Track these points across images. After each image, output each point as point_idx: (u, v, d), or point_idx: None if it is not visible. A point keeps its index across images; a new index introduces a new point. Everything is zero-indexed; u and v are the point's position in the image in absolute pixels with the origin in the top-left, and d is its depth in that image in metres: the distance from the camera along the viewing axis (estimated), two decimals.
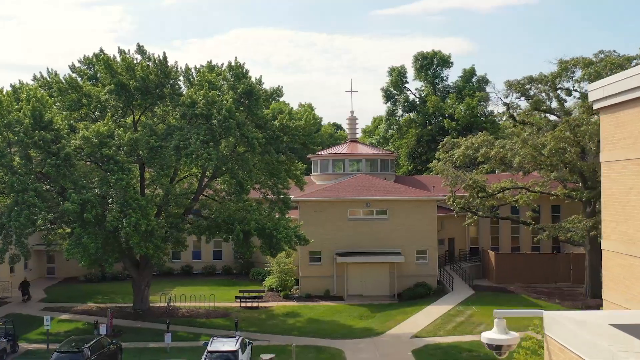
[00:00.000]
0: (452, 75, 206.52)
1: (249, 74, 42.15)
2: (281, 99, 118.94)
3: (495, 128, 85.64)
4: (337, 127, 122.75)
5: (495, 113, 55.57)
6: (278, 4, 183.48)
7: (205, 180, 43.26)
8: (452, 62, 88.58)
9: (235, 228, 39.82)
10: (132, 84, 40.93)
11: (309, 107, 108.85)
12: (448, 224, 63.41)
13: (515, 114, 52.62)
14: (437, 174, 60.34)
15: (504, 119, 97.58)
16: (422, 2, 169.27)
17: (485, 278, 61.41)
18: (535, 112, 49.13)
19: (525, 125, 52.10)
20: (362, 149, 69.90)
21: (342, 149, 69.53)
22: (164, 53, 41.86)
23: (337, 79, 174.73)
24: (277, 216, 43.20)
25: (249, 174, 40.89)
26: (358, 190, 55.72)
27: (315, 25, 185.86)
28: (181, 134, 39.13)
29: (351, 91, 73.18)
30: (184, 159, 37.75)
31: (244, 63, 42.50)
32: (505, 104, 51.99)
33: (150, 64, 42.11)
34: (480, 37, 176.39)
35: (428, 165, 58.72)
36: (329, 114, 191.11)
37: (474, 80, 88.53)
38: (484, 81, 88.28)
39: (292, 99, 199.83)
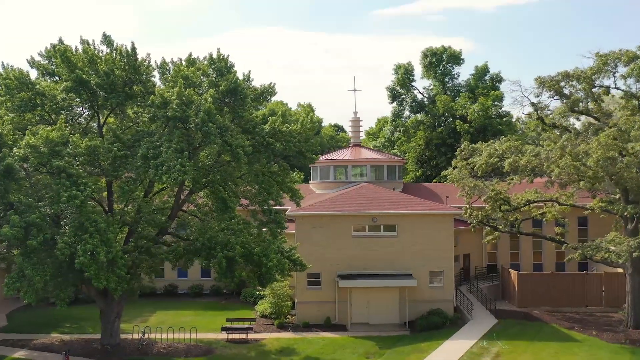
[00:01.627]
0: (463, 73, 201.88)
1: (234, 69, 35.31)
2: (279, 99, 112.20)
3: (511, 130, 78.81)
4: (339, 128, 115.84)
5: (521, 115, 48.30)
6: (278, 4, 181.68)
7: (184, 194, 36.35)
8: (463, 59, 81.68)
9: (217, 254, 32.99)
10: (93, 80, 34.11)
11: (309, 108, 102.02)
12: (463, 239, 56.58)
13: (543, 115, 45.66)
14: (452, 183, 53.49)
15: (515, 119, 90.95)
16: (423, 2, 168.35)
17: (506, 300, 54.62)
18: (570, 113, 42.12)
19: (556, 128, 45.21)
20: (367, 154, 62.99)
21: (344, 154, 62.63)
22: (132, 43, 35.08)
23: (338, 79, 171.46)
24: (268, 238, 36.27)
25: (234, 188, 34.09)
26: (363, 203, 48.82)
27: (315, 25, 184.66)
28: (150, 140, 32.30)
29: (354, 90, 66.30)
30: (152, 172, 30.90)
31: (227, 56, 35.68)
32: (533, 104, 45.04)
33: (117, 56, 35.29)
34: (480, 37, 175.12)
35: (442, 174, 51.70)
36: (329, 115, 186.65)
37: (486, 78, 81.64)
38: (497, 79, 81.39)
39: (293, 99, 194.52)
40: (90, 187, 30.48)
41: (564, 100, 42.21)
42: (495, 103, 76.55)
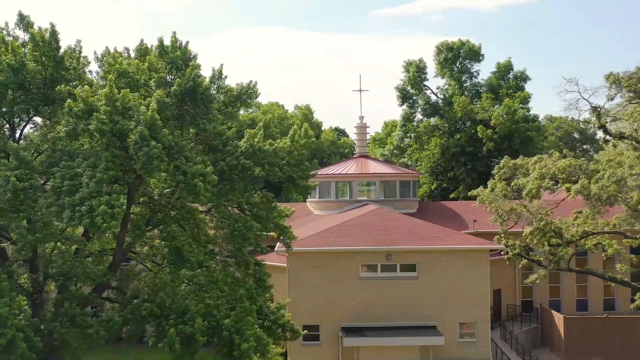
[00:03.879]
0: (482, 71, 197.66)
1: (196, 61, 24.81)
2: (275, 100, 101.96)
3: (541, 136, 68.49)
4: (340, 132, 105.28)
5: (579, 120, 37.85)
6: (278, 3, 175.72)
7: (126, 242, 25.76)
8: (482, 55, 71.14)
9: (167, 328, 22.63)
10: None
11: (307, 110, 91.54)
12: (492, 270, 46.19)
13: (606, 121, 35.26)
14: (483, 205, 43.15)
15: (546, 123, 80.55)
16: (422, 2, 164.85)
17: (547, 347, 44.65)
18: None
19: (623, 139, 34.87)
20: (375, 167, 52.56)
21: (348, 167, 52.22)
22: (52, 26, 24.68)
23: (338, 79, 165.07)
24: (245, 293, 25.76)
25: (194, 232, 23.77)
26: (373, 233, 38.45)
27: (314, 25, 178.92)
28: (69, 166, 21.89)
29: (360, 90, 55.93)
30: (68, 213, 20.54)
31: (187, 43, 25.20)
32: (594, 109, 34.60)
33: (31, 43, 24.92)
34: (480, 37, 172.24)
35: (471, 193, 41.45)
36: (330, 117, 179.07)
37: (510, 76, 71.16)
38: (522, 78, 70.87)
39: (292, 100, 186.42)
40: None
41: None
42: (522, 105, 66.10)
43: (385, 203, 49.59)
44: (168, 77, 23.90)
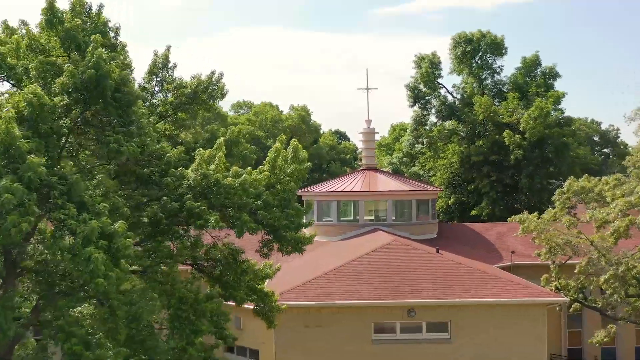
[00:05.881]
0: (507, 67, 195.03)
1: (118, 36, 15.21)
2: (268, 100, 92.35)
3: (578, 142, 58.79)
4: (341, 135, 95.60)
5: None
6: (277, 3, 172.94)
7: None
8: (506, 48, 61.47)
9: None
10: None
11: (304, 111, 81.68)
12: None
13: None
14: (528, 234, 33.72)
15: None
16: (422, 1, 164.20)
17: None
18: None
19: None
20: (386, 182, 42.89)
21: (353, 183, 42.58)
22: None
23: (337, 79, 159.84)
24: None
25: (107, 323, 14.19)
26: (389, 277, 28.84)
27: (312, 24, 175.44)
28: None
29: (367, 89, 46.24)
30: None
31: (100, 7, 15.60)
32: None
33: None
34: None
35: (512, 219, 32.17)
36: (330, 118, 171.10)
37: (537, 72, 61.48)
38: (551, 75, 61.18)
39: (291, 100, 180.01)
40: None
41: None
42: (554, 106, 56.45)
43: (398, 227, 40.19)
44: (67, 65, 14.17)
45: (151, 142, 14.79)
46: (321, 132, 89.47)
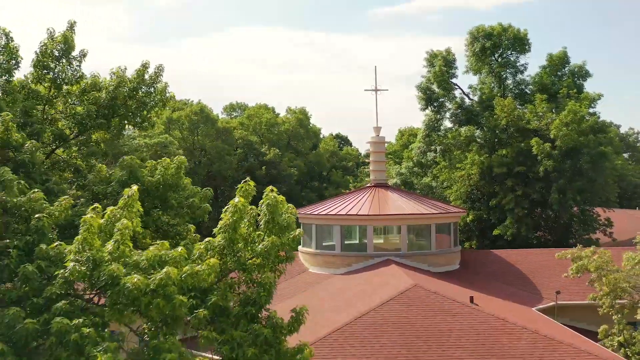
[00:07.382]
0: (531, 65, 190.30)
1: None
2: (264, 102, 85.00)
3: (615, 151, 51.56)
4: (342, 140, 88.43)
5: None
6: (276, 3, 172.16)
7: None
8: (530, 43, 54.40)
9: None
10: None
11: (302, 114, 74.37)
12: None
13: None
14: (582, 274, 26.82)
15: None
16: (420, 1, 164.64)
17: None
18: None
19: None
20: (400, 203, 35.70)
21: (360, 204, 35.43)
22: None
23: (337, 80, 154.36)
24: None
25: None
26: (412, 343, 21.68)
27: (311, 24, 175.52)
28: None
29: (376, 90, 39.04)
30: None
31: None
32: None
33: None
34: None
35: (563, 254, 25.06)
36: (330, 122, 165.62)
37: (566, 71, 54.46)
38: (581, 74, 54.20)
39: (289, 102, 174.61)
40: None
41: None
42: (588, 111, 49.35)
43: (414, 258, 33.26)
44: None
45: (10, 196, 7.79)
46: (321, 136, 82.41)
